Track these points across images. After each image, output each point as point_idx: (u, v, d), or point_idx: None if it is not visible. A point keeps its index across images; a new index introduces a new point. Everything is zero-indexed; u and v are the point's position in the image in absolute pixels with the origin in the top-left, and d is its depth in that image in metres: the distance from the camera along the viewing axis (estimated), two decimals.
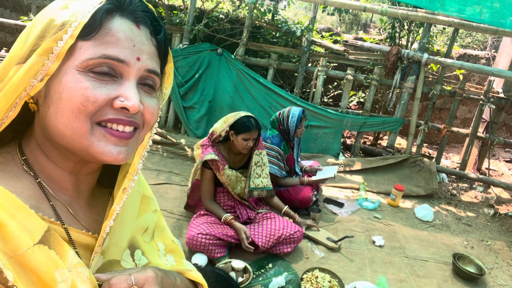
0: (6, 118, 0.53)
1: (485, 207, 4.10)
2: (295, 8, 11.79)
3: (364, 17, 11.68)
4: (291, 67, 4.77)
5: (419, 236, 3.21)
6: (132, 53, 0.55)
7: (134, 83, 0.56)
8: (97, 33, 0.53)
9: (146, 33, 0.58)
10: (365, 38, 5.87)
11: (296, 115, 3.17)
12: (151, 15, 0.59)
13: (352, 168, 4.30)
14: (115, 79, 0.55)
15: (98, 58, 0.53)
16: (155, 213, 0.79)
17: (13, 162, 0.58)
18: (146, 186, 0.79)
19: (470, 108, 6.49)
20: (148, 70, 0.58)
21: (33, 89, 0.53)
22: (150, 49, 0.59)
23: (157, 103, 0.62)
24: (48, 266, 0.49)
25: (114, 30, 0.54)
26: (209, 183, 2.59)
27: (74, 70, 0.53)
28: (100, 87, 0.53)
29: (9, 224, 0.47)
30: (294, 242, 2.60)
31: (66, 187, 0.63)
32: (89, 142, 0.54)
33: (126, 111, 0.56)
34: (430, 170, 4.22)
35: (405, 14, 4.35)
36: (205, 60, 4.51)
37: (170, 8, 5.17)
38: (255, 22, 4.80)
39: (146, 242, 0.74)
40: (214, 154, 2.48)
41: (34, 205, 0.55)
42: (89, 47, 0.53)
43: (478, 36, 9.21)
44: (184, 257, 0.84)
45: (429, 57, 4.35)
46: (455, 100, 4.58)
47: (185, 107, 4.57)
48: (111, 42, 0.54)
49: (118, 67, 0.55)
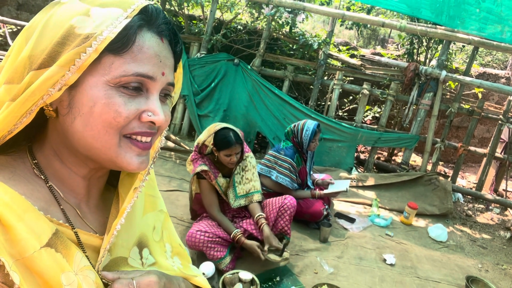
0: (20, 124, 0.53)
1: (501, 229, 3.98)
2: (314, 22, 11.86)
3: (382, 32, 11.65)
4: (307, 80, 4.78)
5: (431, 257, 3.13)
6: (159, 69, 0.56)
7: (158, 96, 0.58)
8: (129, 49, 0.53)
9: (168, 46, 0.59)
10: (382, 53, 5.85)
11: (311, 129, 3.16)
12: (170, 26, 0.60)
13: (365, 183, 4.25)
14: (141, 93, 0.57)
15: (131, 75, 0.53)
16: (161, 213, 0.79)
17: (24, 165, 0.59)
18: (154, 185, 0.80)
19: (488, 128, 6.36)
20: (169, 83, 0.60)
21: (50, 98, 0.52)
22: (171, 63, 0.60)
23: (169, 109, 0.64)
24: (54, 269, 0.49)
25: (146, 47, 0.55)
26: (210, 193, 2.52)
27: (106, 85, 0.53)
28: (130, 103, 0.55)
29: (16, 226, 0.47)
30: (286, 211, 2.57)
31: (78, 191, 0.63)
32: (117, 154, 0.56)
33: (152, 124, 0.58)
34: (445, 189, 4.13)
35: (424, 30, 4.32)
36: (222, 69, 4.55)
37: (190, 18, 5.27)
38: (273, 34, 4.84)
39: (155, 241, 0.74)
40: (205, 165, 2.45)
41: (43, 208, 0.55)
42: (121, 64, 0.53)
43: (498, 55, 9.07)
44: (191, 262, 0.83)
45: (448, 74, 4.30)
46: (473, 119, 4.49)
47: (200, 115, 4.60)
48: (143, 59, 0.54)
49: (146, 83, 0.56)
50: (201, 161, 2.49)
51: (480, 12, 3.75)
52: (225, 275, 2.26)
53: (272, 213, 2.59)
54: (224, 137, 2.38)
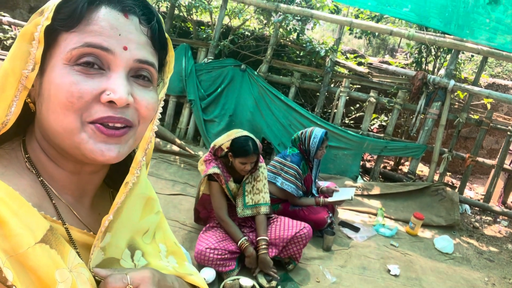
0: (10, 114, 0.53)
1: (509, 242, 3.90)
2: (323, 30, 11.88)
3: (391, 41, 11.63)
4: (313, 87, 4.77)
5: (437, 268, 3.07)
6: (117, 42, 0.53)
7: (123, 75, 0.54)
8: (80, 23, 0.52)
9: (136, 22, 0.56)
10: (390, 61, 5.83)
11: (318, 137, 3.13)
12: (141, 3, 0.57)
13: (370, 192, 4.20)
14: (102, 72, 0.53)
15: (80, 46, 0.51)
16: (158, 214, 0.77)
17: (17, 159, 0.58)
18: (151, 187, 0.78)
19: (497, 139, 6.28)
20: (138, 61, 0.56)
21: (28, 80, 0.52)
22: (139, 39, 0.56)
23: (154, 96, 0.59)
24: (49, 266, 0.48)
25: (97, 19, 0.53)
26: (220, 196, 2.50)
27: (61, 64, 0.52)
28: (85, 81, 0.52)
29: (11, 222, 0.46)
30: (302, 240, 2.53)
31: (69, 187, 0.62)
32: (80, 139, 0.53)
33: (114, 106, 0.53)
34: (452, 200, 4.07)
35: (432, 39, 4.29)
36: (228, 75, 4.56)
37: (198, 23, 5.30)
38: (280, 41, 4.84)
39: (146, 243, 0.72)
40: (217, 168, 2.44)
41: (37, 204, 0.54)
42: (72, 37, 0.52)
43: (508, 66, 8.99)
44: (187, 260, 0.81)
45: (456, 83, 4.25)
46: (482, 130, 4.44)
47: (205, 120, 4.60)
48: (94, 31, 0.52)
49: (104, 56, 0.53)
50: (215, 163, 2.48)
51: (490, 22, 3.72)
52: (226, 281, 2.24)
53: (284, 235, 2.52)
54: (243, 145, 2.37)
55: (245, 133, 2.47)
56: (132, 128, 0.57)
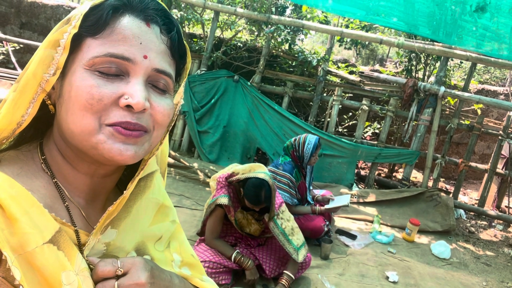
0: (26, 115, 0.55)
1: (505, 246, 3.92)
2: (313, 42, 12.03)
3: (380, 52, 11.80)
4: (306, 96, 4.80)
5: (435, 274, 3.06)
6: (138, 51, 0.55)
7: (141, 81, 0.55)
8: (104, 31, 0.54)
9: (157, 31, 0.58)
10: (381, 70, 5.90)
11: (312, 143, 3.15)
12: (163, 13, 0.59)
13: (366, 199, 4.21)
14: (122, 77, 0.55)
15: (103, 56, 0.53)
16: (173, 223, 0.76)
17: (33, 160, 0.59)
18: (166, 196, 0.76)
19: (488, 144, 6.35)
20: (157, 70, 0.57)
21: (48, 84, 0.54)
22: (159, 48, 0.58)
23: (169, 103, 0.61)
24: (55, 267, 0.48)
25: (120, 28, 0.54)
26: (218, 222, 2.43)
27: (82, 69, 0.54)
28: (105, 85, 0.53)
29: (21, 220, 0.47)
30: (303, 268, 2.53)
31: (82, 189, 0.62)
32: (97, 140, 0.54)
33: (131, 111, 0.54)
34: (447, 205, 4.09)
35: (422, 47, 4.37)
36: (222, 86, 4.58)
37: (191, 36, 5.34)
38: (272, 51, 4.89)
39: (158, 250, 0.70)
40: (228, 198, 2.34)
41: (48, 205, 0.55)
42: (96, 45, 0.54)
43: (496, 72, 9.15)
44: (204, 274, 0.78)
45: (446, 90, 4.32)
46: (473, 135, 4.49)
47: (199, 131, 4.60)
48: (117, 40, 0.54)
49: (125, 65, 0.54)
50: (226, 191, 2.38)
51: (477, 29, 3.80)
52: None
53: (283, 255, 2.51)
54: (255, 194, 2.25)
55: (263, 174, 2.29)
56: (147, 133, 0.58)
